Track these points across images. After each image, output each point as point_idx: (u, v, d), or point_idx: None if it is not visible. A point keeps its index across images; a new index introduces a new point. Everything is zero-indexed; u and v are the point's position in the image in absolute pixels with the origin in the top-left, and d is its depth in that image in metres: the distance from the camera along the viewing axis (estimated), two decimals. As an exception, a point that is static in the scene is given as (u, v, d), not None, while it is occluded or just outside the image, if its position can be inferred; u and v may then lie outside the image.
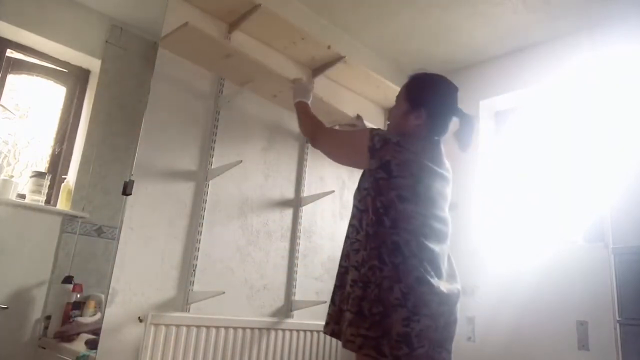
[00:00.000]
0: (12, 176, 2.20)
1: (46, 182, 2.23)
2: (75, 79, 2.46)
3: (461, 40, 3.14)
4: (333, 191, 2.66)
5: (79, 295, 2.15)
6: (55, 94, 2.42)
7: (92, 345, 1.92)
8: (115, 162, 2.35)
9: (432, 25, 3.00)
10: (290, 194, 2.65)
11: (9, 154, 2.25)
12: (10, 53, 2.25)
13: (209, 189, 2.25)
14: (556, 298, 2.59)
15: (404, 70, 3.42)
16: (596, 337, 2.44)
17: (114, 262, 1.93)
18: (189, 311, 2.08)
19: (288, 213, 2.61)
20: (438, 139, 1.62)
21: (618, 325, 2.17)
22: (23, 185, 2.18)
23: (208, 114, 2.32)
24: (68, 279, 2.14)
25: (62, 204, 2.24)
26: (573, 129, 2.97)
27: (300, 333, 2.44)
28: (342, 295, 1.50)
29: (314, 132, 1.75)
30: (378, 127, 1.69)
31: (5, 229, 2.04)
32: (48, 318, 2.08)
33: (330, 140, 1.73)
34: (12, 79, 2.26)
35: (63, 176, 2.32)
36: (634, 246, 2.18)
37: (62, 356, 1.97)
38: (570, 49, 2.90)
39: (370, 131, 1.55)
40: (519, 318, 2.68)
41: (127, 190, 1.92)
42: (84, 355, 1.91)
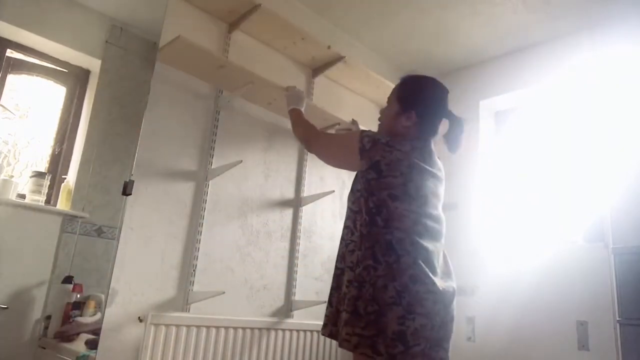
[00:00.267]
0: (12, 176, 2.20)
1: (46, 182, 2.23)
2: (75, 79, 2.46)
3: (461, 40, 3.14)
4: (333, 191, 2.66)
5: (79, 295, 2.15)
6: (55, 94, 2.42)
7: (92, 345, 1.92)
8: (115, 162, 2.35)
9: (432, 25, 3.00)
10: (290, 194, 2.65)
11: (9, 154, 2.25)
12: (10, 53, 2.25)
13: (209, 189, 2.25)
14: (556, 298, 2.59)
15: (404, 70, 3.42)
16: (596, 337, 2.44)
17: (114, 262, 1.93)
18: (189, 311, 2.09)
19: (288, 213, 2.62)
20: (428, 140, 1.63)
21: (618, 325, 2.17)
22: (23, 185, 2.18)
23: (208, 114, 2.32)
24: (68, 279, 2.14)
25: (62, 204, 2.24)
26: (573, 129, 2.97)
27: (300, 333, 2.44)
28: (339, 297, 1.51)
29: (308, 136, 1.80)
30: (369, 129, 1.70)
31: (5, 229, 2.04)
32: (48, 318, 2.08)
33: (324, 144, 1.77)
34: (12, 79, 2.26)
35: (63, 176, 2.32)
36: (634, 246, 2.19)
37: (62, 356, 1.97)
38: (570, 49, 2.90)
39: (361, 133, 1.57)
40: (519, 318, 2.68)
41: (127, 190, 1.92)
42: (84, 355, 1.91)
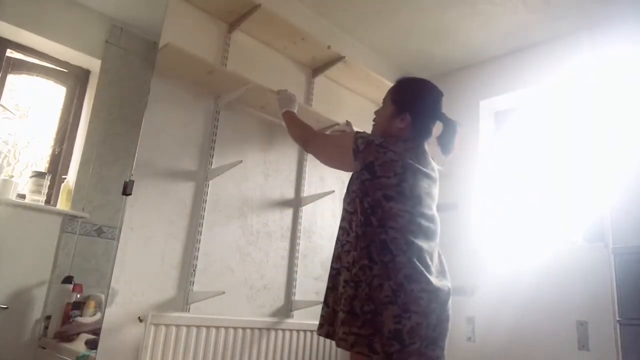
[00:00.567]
0: (12, 176, 2.20)
1: (46, 182, 2.23)
2: (75, 79, 2.46)
3: (461, 40, 3.14)
4: (333, 191, 2.66)
5: (79, 295, 2.15)
6: (55, 94, 2.42)
7: (92, 345, 1.92)
8: (115, 162, 2.35)
9: (432, 25, 3.00)
10: (290, 194, 2.65)
11: (9, 154, 2.25)
12: (10, 53, 2.25)
13: (209, 189, 2.25)
14: (556, 298, 2.59)
15: (403, 70, 3.42)
16: (596, 337, 2.44)
17: (114, 262, 1.93)
18: (189, 311, 2.08)
19: (288, 213, 2.62)
20: (422, 141, 1.64)
21: (618, 325, 2.17)
22: (23, 185, 2.18)
23: (208, 114, 2.32)
24: (68, 279, 2.14)
25: (62, 204, 2.24)
26: (573, 129, 2.97)
27: (300, 333, 2.44)
28: (336, 297, 1.53)
29: (305, 137, 1.83)
30: (364, 130, 1.71)
31: (5, 229, 2.04)
32: (48, 318, 2.08)
33: (320, 144, 1.80)
34: (12, 79, 2.26)
35: (63, 176, 2.32)
36: (634, 246, 2.19)
37: (62, 356, 1.97)
38: (570, 49, 2.90)
39: (355, 134, 1.60)
40: (519, 318, 2.68)
41: (127, 190, 1.92)
42: (84, 355, 1.91)
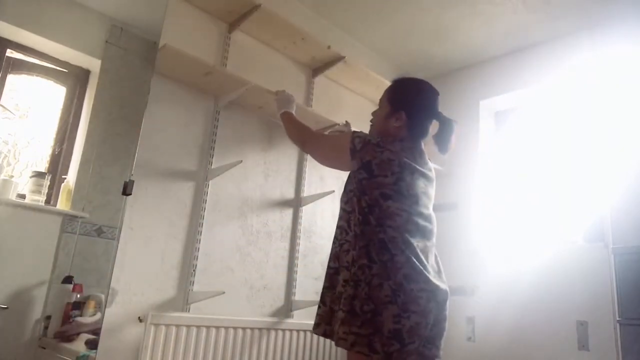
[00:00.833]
0: (12, 176, 2.20)
1: (46, 182, 2.23)
2: (75, 79, 2.46)
3: (461, 40, 3.14)
4: (333, 191, 2.66)
5: (79, 295, 2.15)
6: (55, 94, 2.42)
7: (92, 345, 1.92)
8: (115, 162, 2.35)
9: (432, 25, 3.00)
10: (290, 194, 2.65)
11: (9, 154, 2.25)
12: (10, 53, 2.25)
13: (209, 189, 2.25)
14: (556, 298, 2.59)
15: (403, 70, 3.42)
16: (596, 337, 2.44)
17: (114, 262, 1.93)
18: (189, 311, 2.09)
19: (288, 213, 2.62)
20: (418, 140, 1.65)
21: (618, 325, 2.17)
22: (23, 185, 2.18)
23: (208, 114, 2.32)
24: (68, 279, 2.14)
25: (62, 204, 2.24)
26: (573, 129, 2.96)
27: (300, 333, 2.44)
28: (333, 296, 1.54)
29: (303, 137, 1.83)
30: (361, 130, 1.71)
31: (5, 229, 2.04)
32: (48, 318, 2.08)
33: (318, 144, 1.81)
34: (12, 79, 2.26)
35: (63, 176, 2.32)
36: (634, 246, 2.19)
37: (62, 356, 1.97)
38: (570, 49, 2.90)
39: (352, 134, 1.60)
40: (519, 318, 2.68)
41: (127, 190, 1.92)
42: (84, 355, 1.91)
